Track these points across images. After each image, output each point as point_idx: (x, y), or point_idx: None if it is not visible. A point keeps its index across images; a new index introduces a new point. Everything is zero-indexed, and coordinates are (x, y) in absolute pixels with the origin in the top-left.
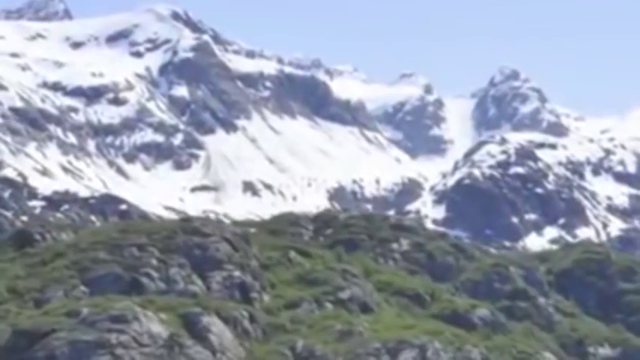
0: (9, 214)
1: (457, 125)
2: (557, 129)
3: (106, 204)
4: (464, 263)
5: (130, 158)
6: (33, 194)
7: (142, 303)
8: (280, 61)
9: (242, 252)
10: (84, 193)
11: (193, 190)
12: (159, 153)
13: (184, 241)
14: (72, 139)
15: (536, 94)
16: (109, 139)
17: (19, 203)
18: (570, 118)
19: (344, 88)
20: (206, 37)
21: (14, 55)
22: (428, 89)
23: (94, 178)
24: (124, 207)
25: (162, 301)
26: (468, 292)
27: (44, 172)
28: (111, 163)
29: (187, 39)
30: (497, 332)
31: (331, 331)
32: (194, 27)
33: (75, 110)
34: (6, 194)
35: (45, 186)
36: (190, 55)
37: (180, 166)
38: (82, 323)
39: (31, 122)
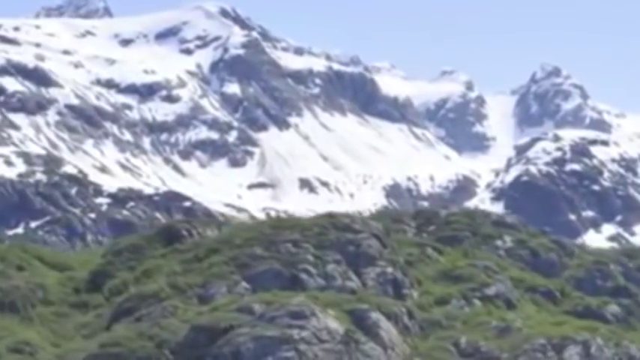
0: (77, 211)
1: (499, 122)
2: (600, 126)
3: (171, 201)
4: (566, 260)
5: (186, 155)
6: (98, 191)
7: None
8: (329, 57)
9: (390, 248)
10: (148, 190)
11: (250, 187)
12: (214, 150)
13: (337, 238)
14: (127, 136)
15: (578, 91)
16: (163, 137)
17: (86, 201)
18: (611, 115)
19: (384, 85)
20: (255, 34)
21: (66, 52)
22: (469, 86)
23: (152, 175)
24: (187, 204)
25: (326, 297)
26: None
27: (103, 170)
28: (167, 161)
29: (237, 36)
30: (629, 329)
31: (488, 328)
32: (242, 24)
33: (129, 107)
34: (72, 191)
35: (107, 183)
36: (241, 52)
37: (235, 163)
38: (261, 319)
39: (87, 119)
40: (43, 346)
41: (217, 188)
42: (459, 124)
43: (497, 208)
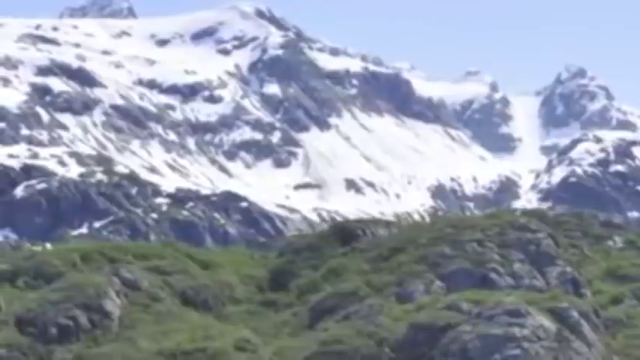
0: (139, 211)
1: (524, 123)
2: (626, 126)
3: (228, 201)
4: None
5: (231, 156)
6: (156, 192)
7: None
8: (364, 58)
9: (562, 247)
10: (204, 191)
11: (297, 187)
12: (258, 151)
13: (518, 237)
14: (172, 136)
15: (603, 92)
16: (207, 137)
17: (146, 201)
18: (634, 116)
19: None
20: (291, 35)
21: (105, 52)
22: (494, 87)
23: (200, 175)
24: (244, 205)
25: (532, 297)
26: None
27: (153, 170)
28: (212, 161)
29: (275, 36)
30: None
31: None
32: (278, 24)
33: (172, 108)
34: (132, 191)
35: (163, 184)
36: (280, 52)
37: (280, 163)
38: (479, 318)
39: (132, 120)
40: (258, 344)
41: (265, 189)
42: (485, 125)
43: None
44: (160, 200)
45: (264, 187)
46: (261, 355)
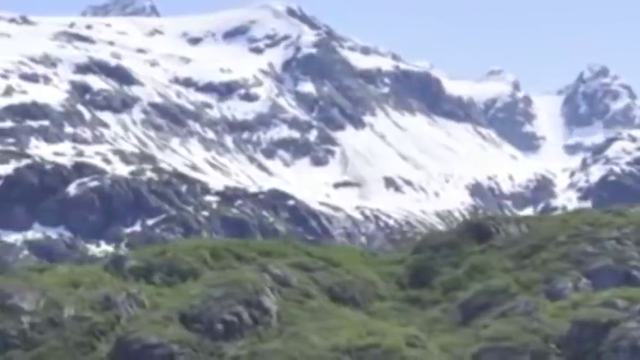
0: (190, 209)
1: (547, 122)
2: None
3: (275, 199)
4: None
5: (269, 154)
6: (205, 189)
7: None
8: (395, 57)
9: None
10: (252, 189)
11: (336, 185)
12: (296, 149)
13: None
14: (211, 134)
15: (626, 91)
16: (245, 135)
17: (197, 198)
18: None
19: None
20: (322, 34)
21: (140, 50)
22: (516, 86)
23: (240, 173)
24: (291, 202)
25: None
26: None
27: (194, 168)
28: (251, 159)
29: (308, 35)
30: None
31: None
32: (310, 23)
33: (209, 106)
34: (183, 189)
35: (211, 182)
36: (313, 51)
37: (318, 162)
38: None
39: (171, 118)
40: (425, 340)
41: (305, 187)
42: (509, 124)
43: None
44: (209, 198)
45: (304, 185)
46: (430, 351)
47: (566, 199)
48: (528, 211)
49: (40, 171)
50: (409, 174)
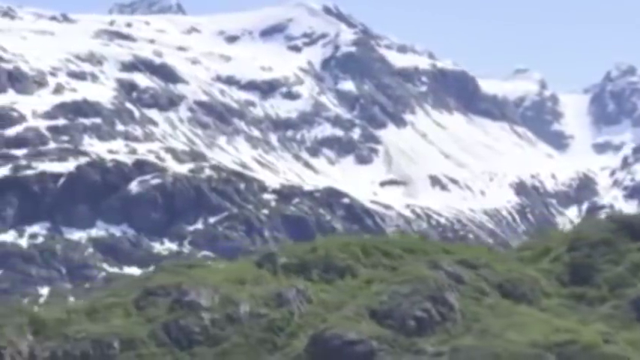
0: (250, 207)
1: (574, 120)
2: None
3: (331, 197)
4: None
5: (314, 152)
6: (262, 187)
7: None
8: (431, 55)
9: None
10: (307, 187)
11: (382, 184)
12: (340, 147)
13: None
14: (256, 132)
15: None
16: (289, 133)
17: (255, 197)
18: None
19: None
20: (360, 32)
21: (180, 48)
22: (543, 84)
23: (288, 172)
24: (346, 201)
25: None
26: None
27: (244, 166)
28: (297, 157)
29: (346, 33)
30: None
31: None
32: (346, 21)
33: (252, 104)
34: (241, 187)
35: (267, 180)
36: (353, 49)
37: (362, 160)
38: None
39: (217, 116)
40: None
41: (351, 185)
42: (537, 123)
43: (632, 206)
44: (266, 196)
45: (350, 183)
46: (623, 347)
47: (612, 198)
48: (573, 210)
49: (102, 169)
50: (453, 172)
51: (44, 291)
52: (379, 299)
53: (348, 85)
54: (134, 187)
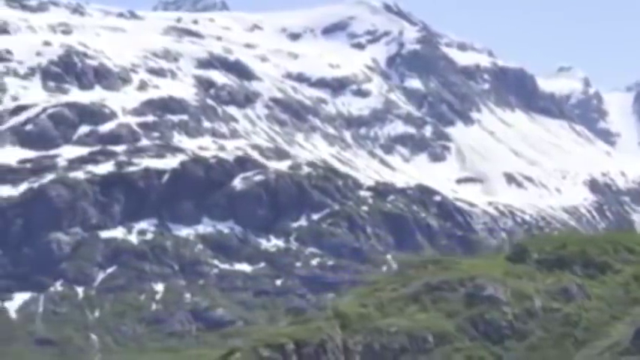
0: (350, 203)
1: (619, 118)
2: None
3: (423, 194)
4: None
5: (388, 149)
6: (357, 184)
7: None
8: (491, 53)
9: None
10: (400, 184)
11: (459, 181)
12: (414, 145)
13: None
14: (331, 130)
15: None
16: (362, 131)
17: (354, 193)
18: None
19: None
20: (425, 30)
21: (248, 46)
22: (587, 82)
23: (367, 169)
24: (438, 198)
25: None
26: None
27: (325, 163)
28: (372, 154)
29: (410, 31)
30: None
31: None
32: (407, 19)
33: (324, 102)
34: (339, 184)
35: (358, 177)
36: (417, 47)
37: (436, 157)
38: None
39: (293, 113)
40: None
41: (428, 183)
42: (584, 121)
43: None
44: (363, 193)
45: (427, 180)
46: None
47: None
48: None
49: (205, 165)
50: (526, 170)
51: (159, 287)
52: None
53: (415, 83)
54: (237, 183)
